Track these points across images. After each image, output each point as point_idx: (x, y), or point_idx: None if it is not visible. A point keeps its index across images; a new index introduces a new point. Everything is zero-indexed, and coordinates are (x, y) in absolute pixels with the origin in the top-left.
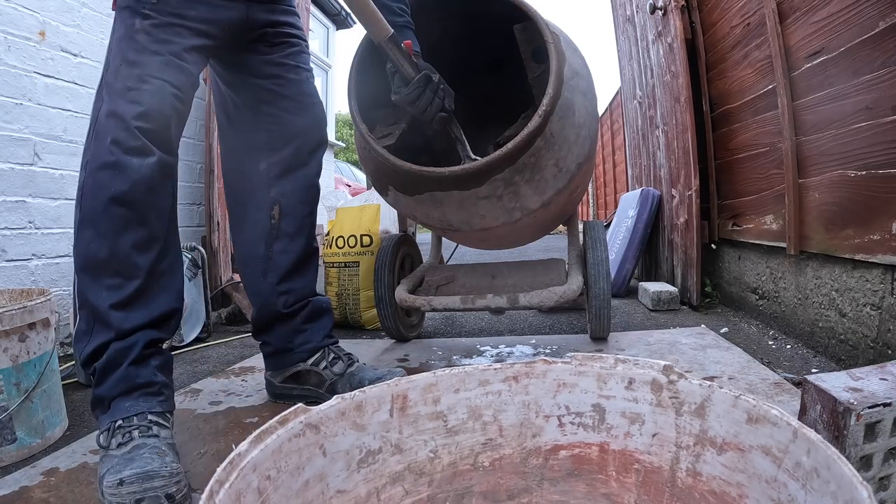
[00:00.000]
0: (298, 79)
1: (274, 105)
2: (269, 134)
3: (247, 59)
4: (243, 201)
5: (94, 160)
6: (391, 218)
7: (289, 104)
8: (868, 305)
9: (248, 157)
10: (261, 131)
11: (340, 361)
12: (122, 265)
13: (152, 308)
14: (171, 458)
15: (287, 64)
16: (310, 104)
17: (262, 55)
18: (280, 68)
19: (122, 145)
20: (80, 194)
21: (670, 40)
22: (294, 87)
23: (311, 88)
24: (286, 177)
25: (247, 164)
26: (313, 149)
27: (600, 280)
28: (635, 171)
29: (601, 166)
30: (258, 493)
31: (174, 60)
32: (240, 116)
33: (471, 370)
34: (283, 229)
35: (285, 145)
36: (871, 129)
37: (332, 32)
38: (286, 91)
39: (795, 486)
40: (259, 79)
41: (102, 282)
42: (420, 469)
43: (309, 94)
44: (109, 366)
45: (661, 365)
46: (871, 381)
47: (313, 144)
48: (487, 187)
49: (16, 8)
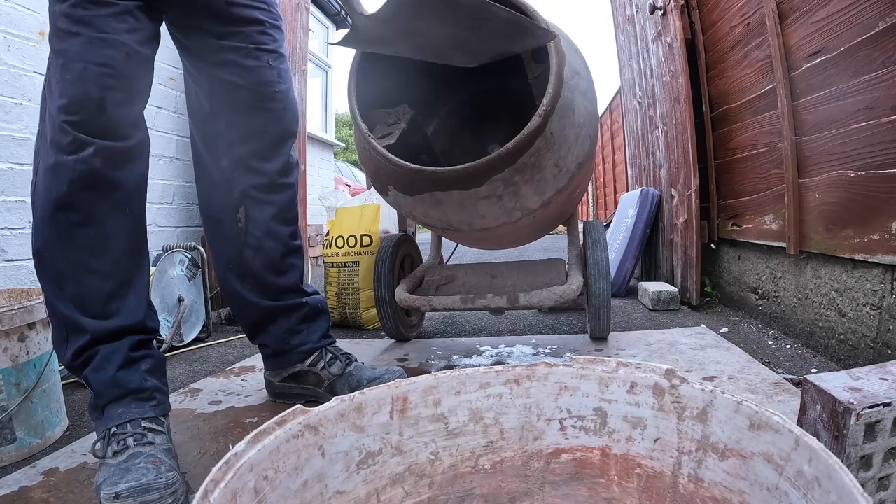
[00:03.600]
0: (257, 65)
1: (229, 97)
2: (228, 129)
3: (197, 41)
4: (209, 203)
5: (42, 163)
6: (391, 218)
7: (245, 96)
8: (868, 305)
9: (209, 154)
10: (219, 125)
11: (338, 361)
12: (79, 272)
13: (125, 311)
14: (166, 468)
15: (244, 48)
16: (269, 95)
17: (214, 38)
18: (234, 53)
19: (58, 144)
20: (32, 199)
21: (670, 40)
22: (251, 76)
23: (271, 76)
24: (247, 175)
25: (209, 162)
26: (275, 144)
27: (600, 280)
28: (635, 170)
29: (601, 166)
30: (255, 493)
31: (97, 37)
32: (199, 108)
33: (472, 372)
34: (251, 232)
35: (244, 142)
36: (870, 128)
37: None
38: (241, 80)
39: (797, 494)
40: (212, 67)
41: (65, 290)
42: (420, 471)
43: (269, 82)
44: (97, 371)
45: (663, 369)
46: (871, 381)
47: (274, 140)
48: (487, 187)
49: (16, 8)
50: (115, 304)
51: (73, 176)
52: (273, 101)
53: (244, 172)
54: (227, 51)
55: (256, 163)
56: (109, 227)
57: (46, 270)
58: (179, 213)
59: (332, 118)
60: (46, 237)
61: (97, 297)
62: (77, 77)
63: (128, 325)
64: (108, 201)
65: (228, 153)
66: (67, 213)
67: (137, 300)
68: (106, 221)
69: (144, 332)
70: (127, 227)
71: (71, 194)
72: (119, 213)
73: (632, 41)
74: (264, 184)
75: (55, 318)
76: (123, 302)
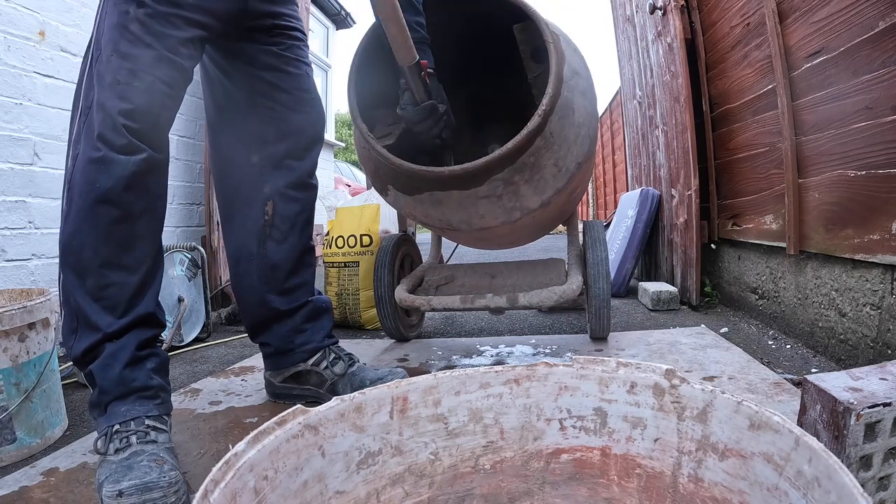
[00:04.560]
0: (298, 73)
1: (270, 97)
2: (263, 126)
3: (244, 47)
4: (233, 196)
5: (83, 154)
6: (391, 218)
7: (286, 98)
8: (868, 305)
9: (238, 149)
10: (253, 123)
11: (341, 361)
12: (106, 265)
13: (138, 308)
14: (169, 466)
15: (286, 56)
16: (308, 100)
17: (260, 44)
18: (279, 60)
19: (109, 142)
20: (68, 188)
21: (670, 40)
22: (293, 82)
23: (310, 84)
24: (280, 172)
25: (237, 157)
26: (308, 146)
27: (600, 280)
28: (635, 170)
29: (601, 166)
30: (255, 493)
31: (167, 56)
32: (231, 105)
33: (471, 372)
34: (277, 226)
35: (280, 140)
36: (870, 128)
37: (332, 32)
38: (284, 84)
39: (797, 495)
40: (256, 69)
41: (86, 281)
42: (420, 471)
43: (307, 89)
44: (104, 368)
45: (663, 369)
46: (871, 381)
47: (309, 141)
48: (487, 187)
49: (16, 8)
50: (135, 300)
51: (124, 173)
52: (310, 106)
53: (276, 169)
54: (273, 56)
55: (290, 161)
56: (140, 227)
57: (70, 260)
58: (179, 213)
59: (332, 118)
60: (79, 228)
61: (119, 292)
62: (147, 88)
63: (140, 316)
64: (144, 203)
65: (261, 149)
66: (109, 207)
67: (152, 298)
68: (138, 221)
69: (152, 327)
70: (154, 230)
71: (115, 191)
72: (149, 216)
73: (632, 41)
74: (295, 182)
75: (69, 307)
76: (141, 299)
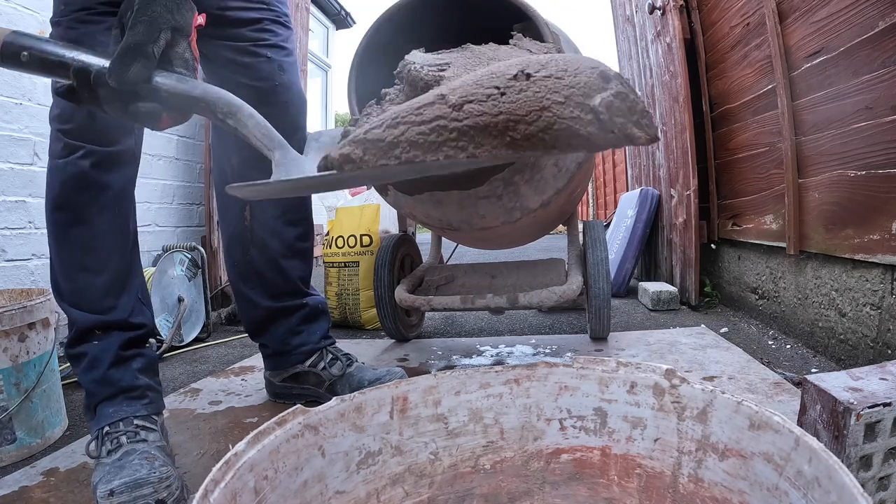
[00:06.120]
0: (254, 61)
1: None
2: None
3: (201, 46)
4: (221, 200)
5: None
6: (391, 218)
7: (250, 93)
8: (868, 305)
9: (221, 151)
10: None
11: (339, 362)
12: (73, 270)
13: (114, 310)
14: (160, 463)
15: (239, 46)
16: (269, 89)
17: (214, 39)
18: (236, 53)
19: (52, 151)
20: None
21: (669, 40)
22: (250, 73)
23: (269, 69)
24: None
25: (221, 159)
26: None
27: (600, 280)
28: (635, 171)
29: (601, 166)
30: (255, 493)
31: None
32: None
33: (471, 372)
34: (256, 233)
35: None
36: (870, 128)
37: (332, 32)
38: (242, 78)
39: (797, 495)
40: (217, 67)
41: (63, 287)
42: (420, 471)
43: (267, 76)
44: (89, 370)
45: (663, 369)
46: (871, 381)
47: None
48: (487, 187)
49: (16, 8)
50: (108, 301)
51: (64, 178)
52: (273, 96)
53: (251, 171)
54: (226, 50)
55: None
56: (99, 226)
57: (51, 272)
58: (179, 213)
59: (332, 118)
60: (49, 237)
61: (91, 294)
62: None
63: (117, 320)
64: (98, 203)
65: (239, 150)
66: (61, 213)
67: (129, 298)
68: (96, 221)
69: (132, 329)
70: (116, 228)
71: (63, 196)
72: (108, 214)
73: (631, 41)
74: None
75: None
76: (116, 300)
